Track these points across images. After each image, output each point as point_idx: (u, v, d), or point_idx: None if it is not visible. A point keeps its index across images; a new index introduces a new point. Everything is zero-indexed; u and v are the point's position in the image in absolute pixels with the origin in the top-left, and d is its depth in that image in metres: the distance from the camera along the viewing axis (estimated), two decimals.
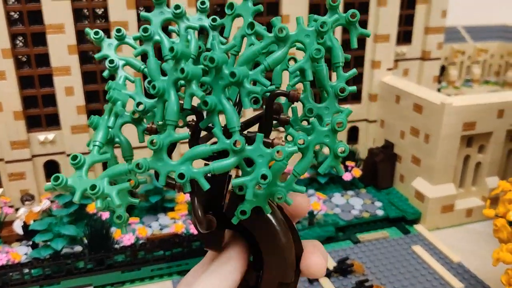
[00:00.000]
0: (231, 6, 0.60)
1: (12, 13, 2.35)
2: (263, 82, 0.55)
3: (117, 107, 0.54)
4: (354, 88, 0.58)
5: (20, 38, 2.41)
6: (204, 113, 0.57)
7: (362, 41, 2.91)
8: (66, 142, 2.57)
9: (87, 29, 0.62)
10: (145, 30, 0.59)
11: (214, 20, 0.62)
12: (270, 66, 0.54)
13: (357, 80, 2.98)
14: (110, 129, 0.55)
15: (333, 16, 0.56)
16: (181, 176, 0.48)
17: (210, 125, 0.58)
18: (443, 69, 4.14)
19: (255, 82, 0.54)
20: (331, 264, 2.33)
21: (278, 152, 0.47)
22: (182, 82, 0.52)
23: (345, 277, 2.28)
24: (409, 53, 3.20)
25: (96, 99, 2.58)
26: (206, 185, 0.49)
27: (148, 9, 2.48)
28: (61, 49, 2.40)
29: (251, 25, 0.55)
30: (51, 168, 2.64)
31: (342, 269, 2.28)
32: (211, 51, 0.52)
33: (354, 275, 2.29)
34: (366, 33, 0.58)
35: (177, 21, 0.60)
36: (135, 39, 0.62)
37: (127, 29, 2.45)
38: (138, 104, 0.52)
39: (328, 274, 2.28)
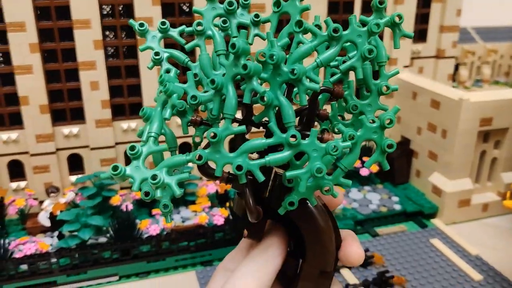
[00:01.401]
0: (278, 3, 0.61)
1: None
2: (315, 79, 0.58)
3: (173, 99, 0.56)
4: (396, 86, 0.62)
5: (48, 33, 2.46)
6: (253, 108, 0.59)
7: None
8: (90, 136, 2.62)
9: (131, 21, 0.64)
10: (199, 24, 0.61)
11: (256, 16, 0.63)
12: (323, 63, 0.56)
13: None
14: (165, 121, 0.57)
15: (379, 17, 0.59)
16: (239, 168, 0.50)
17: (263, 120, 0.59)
18: (456, 68, 4.18)
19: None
20: None
21: (334, 147, 0.49)
22: (237, 77, 0.54)
23: (366, 269, 2.31)
24: (424, 51, 3.25)
25: (120, 93, 2.63)
26: (261, 177, 0.51)
27: (170, 6, 2.53)
28: (87, 44, 2.45)
29: (299, 23, 0.57)
30: (74, 162, 2.69)
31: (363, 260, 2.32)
32: (269, 48, 0.53)
33: (374, 267, 2.33)
34: (409, 35, 0.61)
35: (229, 17, 0.62)
36: (186, 32, 0.64)
37: (152, 25, 2.49)
38: (192, 97, 0.54)
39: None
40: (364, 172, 2.86)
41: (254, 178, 0.51)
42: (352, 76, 0.60)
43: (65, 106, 2.58)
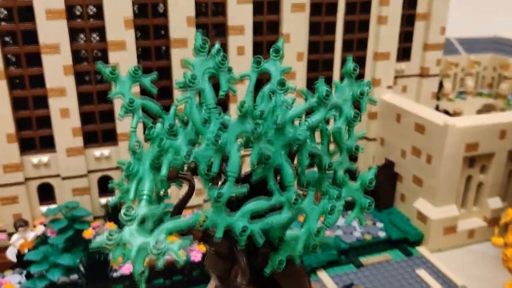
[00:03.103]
0: (258, 61, 0.64)
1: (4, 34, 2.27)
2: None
3: (169, 157, 0.56)
4: (363, 145, 0.71)
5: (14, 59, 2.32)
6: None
7: (362, 59, 2.88)
8: (61, 164, 2.49)
9: (99, 65, 0.62)
10: (193, 77, 0.59)
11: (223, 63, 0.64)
12: (313, 124, 0.59)
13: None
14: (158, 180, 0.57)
15: (349, 85, 0.63)
16: (245, 230, 0.50)
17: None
18: (440, 84, 4.13)
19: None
20: None
21: (331, 208, 0.53)
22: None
23: None
24: (408, 70, 3.18)
25: (92, 120, 2.50)
26: (260, 241, 0.51)
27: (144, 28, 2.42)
28: (56, 69, 2.32)
29: (281, 83, 0.60)
30: (45, 191, 2.56)
31: None
32: (275, 109, 0.55)
33: None
34: (374, 100, 0.68)
35: (219, 74, 0.62)
36: (177, 84, 0.61)
37: (125, 49, 2.38)
38: (188, 154, 0.54)
39: None
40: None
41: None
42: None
43: (34, 135, 2.45)
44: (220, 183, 0.58)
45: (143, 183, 0.55)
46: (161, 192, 0.59)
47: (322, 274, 2.40)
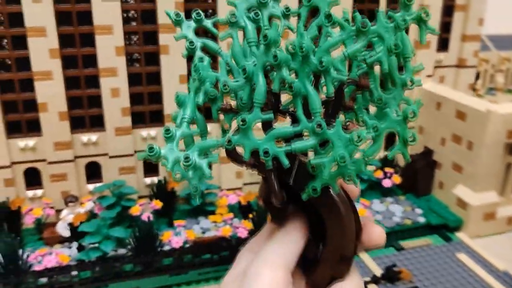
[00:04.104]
0: None
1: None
2: (342, 70, 0.60)
3: (206, 86, 0.58)
4: (420, 79, 0.63)
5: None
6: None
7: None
8: (109, 143, 2.55)
9: (167, 10, 0.65)
10: (233, 15, 0.62)
11: (287, 9, 0.66)
12: (350, 56, 0.57)
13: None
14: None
15: (408, 12, 0.59)
16: (266, 153, 0.52)
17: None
18: (477, 77, 4.14)
19: None
20: (378, 271, 2.31)
21: (358, 136, 0.50)
22: (267, 66, 0.56)
23: (393, 285, 2.26)
24: (446, 61, 3.20)
25: (140, 101, 2.57)
26: (286, 163, 0.52)
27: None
28: (109, 50, 2.39)
29: (328, 16, 0.58)
30: (92, 170, 2.63)
31: (390, 276, 2.27)
32: (298, 39, 0.55)
33: (402, 283, 2.27)
34: (432, 29, 0.62)
35: (261, 9, 0.64)
36: (220, 22, 0.65)
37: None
38: (224, 84, 0.57)
39: (376, 281, 2.26)
40: (386, 183, 2.81)
41: (279, 164, 0.54)
42: (377, 69, 0.61)
43: (85, 114, 2.52)
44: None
45: (185, 108, 0.58)
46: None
47: (364, 256, 2.43)
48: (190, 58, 0.63)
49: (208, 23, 0.67)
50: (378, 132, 0.55)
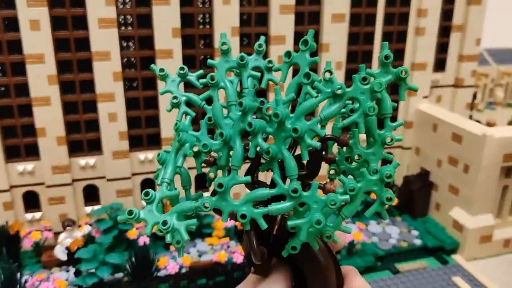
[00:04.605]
0: (289, 54, 0.65)
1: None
2: (319, 132, 0.60)
3: (185, 148, 0.60)
4: (400, 137, 0.63)
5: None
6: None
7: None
8: (106, 167, 2.58)
9: (152, 66, 0.67)
10: (212, 78, 0.64)
11: (270, 62, 0.68)
12: (326, 118, 0.58)
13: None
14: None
15: (385, 73, 0.61)
16: (243, 216, 0.53)
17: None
18: (474, 96, 4.14)
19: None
20: None
21: (332, 201, 0.52)
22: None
23: None
24: (443, 80, 3.21)
25: (137, 125, 2.59)
26: (264, 225, 0.54)
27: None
28: (106, 75, 2.42)
29: (307, 75, 0.60)
30: (90, 193, 2.65)
31: None
32: (275, 105, 0.56)
33: None
34: (414, 88, 0.62)
35: (241, 70, 0.67)
36: (198, 77, 0.67)
37: (171, 57, 2.47)
38: (204, 145, 0.58)
39: None
40: None
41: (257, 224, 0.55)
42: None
43: (82, 138, 2.54)
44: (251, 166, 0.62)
45: (166, 169, 0.59)
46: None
47: None
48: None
49: (192, 76, 0.69)
50: (355, 192, 0.56)
